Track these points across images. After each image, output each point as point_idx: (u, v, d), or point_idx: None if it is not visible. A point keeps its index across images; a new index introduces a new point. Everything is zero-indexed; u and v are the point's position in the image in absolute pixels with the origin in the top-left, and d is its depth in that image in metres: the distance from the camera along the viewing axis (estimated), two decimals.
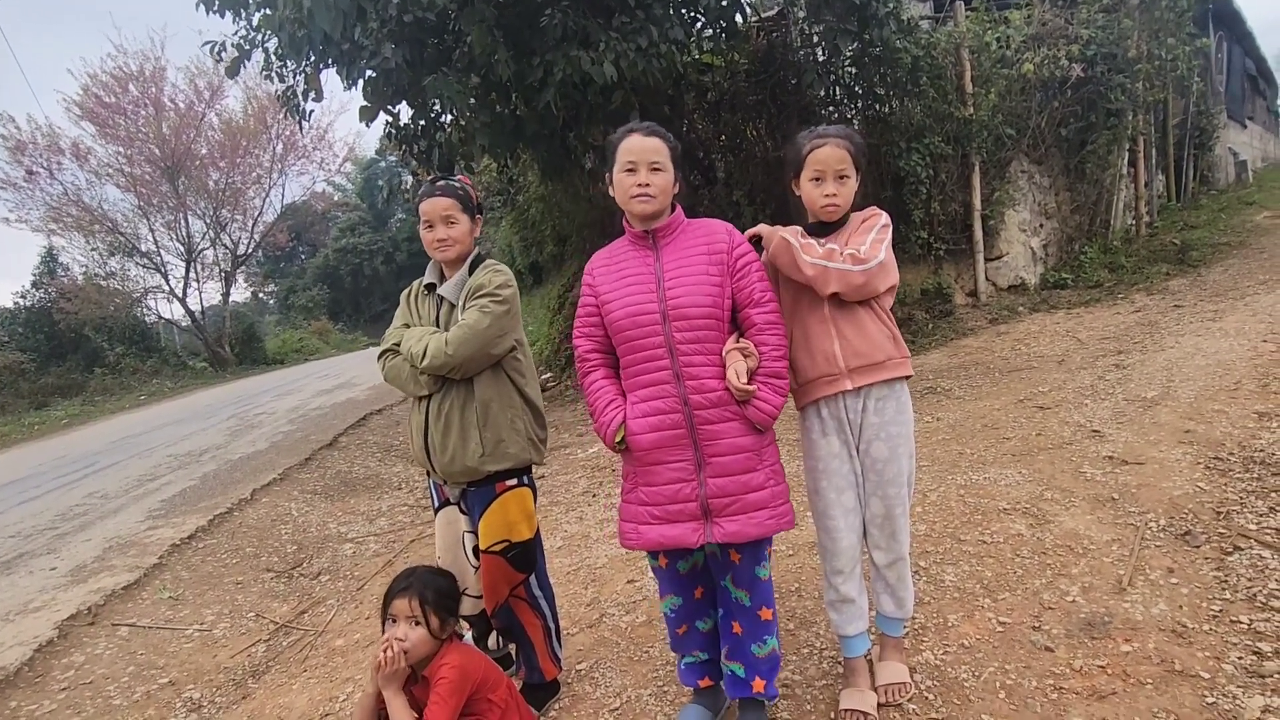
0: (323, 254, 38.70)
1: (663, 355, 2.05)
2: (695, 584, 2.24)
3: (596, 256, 2.25)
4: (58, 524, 6.09)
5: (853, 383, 2.14)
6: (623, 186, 2.10)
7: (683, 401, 2.03)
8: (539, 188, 12.71)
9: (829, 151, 2.14)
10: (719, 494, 2.02)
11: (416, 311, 2.54)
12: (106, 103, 21.96)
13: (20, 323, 22.08)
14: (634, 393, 2.11)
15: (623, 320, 2.09)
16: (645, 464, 2.08)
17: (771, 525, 2.03)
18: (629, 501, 2.15)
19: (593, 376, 2.20)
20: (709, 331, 2.05)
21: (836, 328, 2.15)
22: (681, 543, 2.04)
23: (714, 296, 2.05)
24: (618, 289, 2.13)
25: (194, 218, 24.59)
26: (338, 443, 8.32)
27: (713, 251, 2.10)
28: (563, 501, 5.00)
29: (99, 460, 9.06)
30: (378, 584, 4.14)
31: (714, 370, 2.03)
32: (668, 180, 2.09)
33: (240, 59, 6.75)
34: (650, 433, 2.05)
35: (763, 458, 2.06)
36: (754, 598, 2.10)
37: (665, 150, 2.09)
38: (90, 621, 4.06)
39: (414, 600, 2.06)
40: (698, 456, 2.04)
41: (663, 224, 2.14)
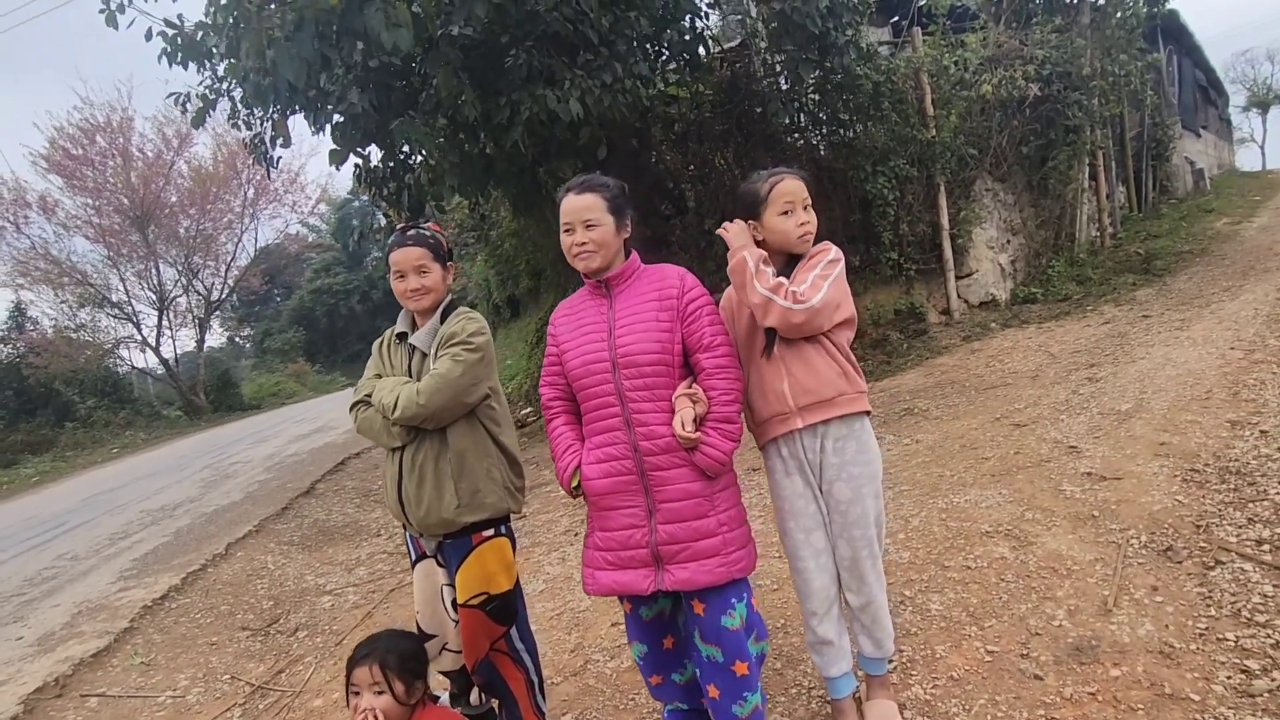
0: (298, 295, 38.44)
1: (613, 403, 2.07)
2: (663, 633, 2.22)
3: (560, 307, 2.29)
4: (25, 589, 5.90)
5: (803, 420, 2.14)
6: (564, 247, 2.15)
7: (633, 448, 2.05)
8: (511, 223, 12.74)
9: (793, 184, 2.18)
10: (669, 540, 2.02)
11: (389, 361, 2.49)
12: (74, 155, 21.86)
13: None
14: (590, 439, 2.14)
15: (577, 369, 2.14)
16: (600, 509, 2.12)
17: (723, 573, 2.00)
18: (587, 546, 2.18)
19: (555, 423, 2.24)
20: (658, 378, 2.06)
21: (786, 366, 2.15)
22: (632, 589, 2.05)
23: (663, 343, 2.06)
24: (574, 338, 2.18)
25: (165, 265, 24.44)
26: (315, 490, 8.17)
27: (663, 298, 2.11)
28: (544, 542, 4.92)
29: (69, 519, 8.83)
30: (356, 637, 4.01)
31: (663, 417, 2.04)
32: (605, 233, 2.11)
33: (205, 109, 6.73)
34: (603, 478, 2.08)
35: (715, 504, 2.05)
36: (725, 652, 2.03)
37: (600, 203, 2.11)
38: (58, 694, 3.90)
39: (375, 667, 2.00)
40: (649, 502, 2.05)
41: (614, 273, 2.16)
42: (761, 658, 2.18)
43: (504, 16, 5.84)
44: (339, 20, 5.01)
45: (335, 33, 5.20)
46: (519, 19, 5.95)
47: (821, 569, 2.20)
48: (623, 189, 2.20)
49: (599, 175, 2.19)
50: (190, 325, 26.17)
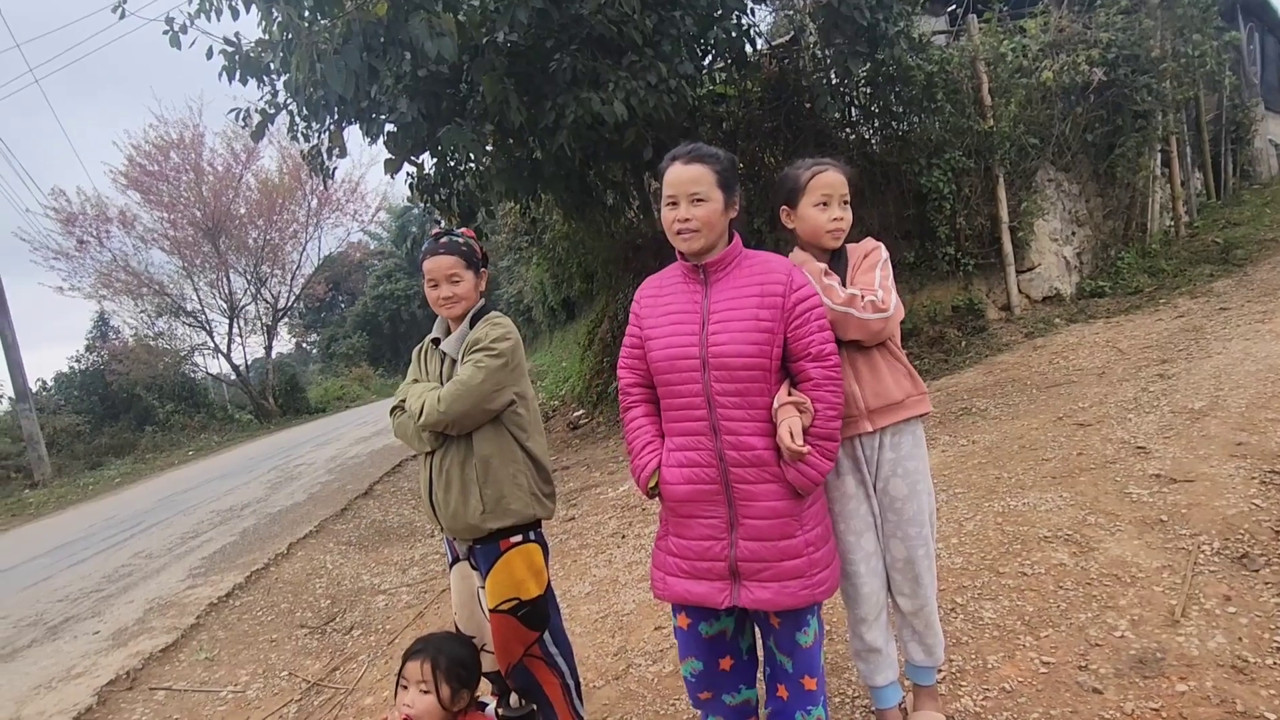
0: (361, 302, 39.55)
1: (700, 405, 1.89)
2: (722, 653, 2.03)
3: (646, 284, 2.10)
4: (103, 586, 6.20)
5: (873, 424, 2.06)
6: (665, 222, 1.95)
7: (718, 456, 1.87)
8: (563, 226, 12.84)
9: (833, 176, 2.10)
10: (750, 557, 1.86)
11: (425, 367, 2.53)
12: (150, 171, 22.93)
13: (76, 386, 22.92)
14: (671, 439, 1.96)
15: (661, 362, 1.95)
16: (678, 515, 1.95)
17: (805, 596, 1.85)
18: (659, 549, 2.02)
19: (633, 413, 2.06)
20: (752, 383, 1.86)
21: (854, 368, 2.07)
22: (707, 601, 1.90)
23: (761, 345, 1.85)
24: (661, 325, 1.98)
25: (235, 275, 25.40)
26: (373, 491, 8.38)
27: (767, 294, 1.88)
28: (592, 544, 4.93)
29: (146, 519, 9.25)
30: (408, 637, 4.10)
31: (754, 426, 1.85)
32: (712, 210, 1.89)
33: (264, 123, 6.96)
34: (683, 484, 1.91)
35: (803, 523, 1.87)
36: (796, 665, 1.94)
37: (709, 176, 1.89)
38: (129, 686, 4.08)
39: (426, 665, 2.01)
40: (731, 515, 1.88)
41: (715, 257, 1.95)
42: None
43: (547, 21, 5.89)
44: (385, 32, 5.13)
45: (382, 44, 5.32)
46: (563, 23, 5.99)
47: (873, 573, 2.11)
48: (733, 162, 1.98)
49: (707, 146, 1.96)
50: (259, 332, 27.19)
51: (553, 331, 21.12)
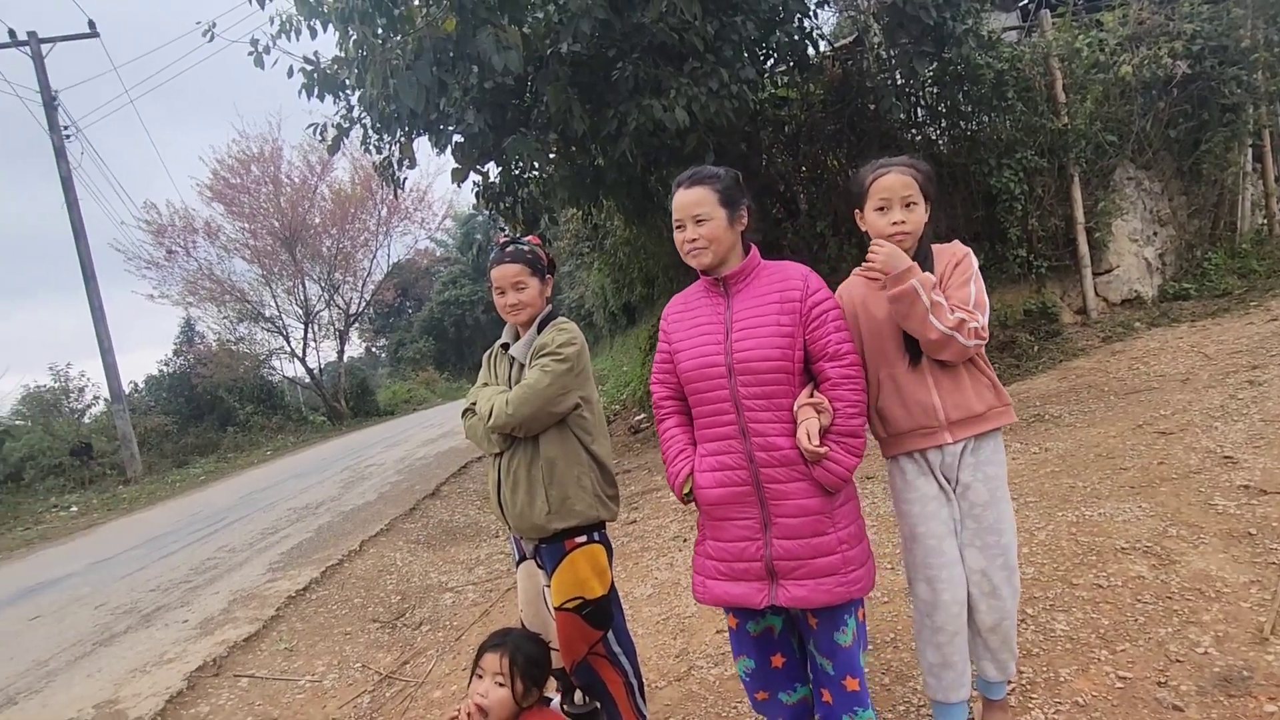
0: (427, 307, 40.56)
1: (729, 410, 1.97)
2: (771, 650, 2.10)
3: (673, 302, 2.21)
4: (191, 577, 6.55)
5: (953, 436, 2.03)
6: (677, 244, 2.09)
7: (748, 459, 1.95)
8: (624, 232, 12.94)
9: (894, 178, 2.05)
10: (785, 556, 1.92)
11: (494, 371, 2.62)
12: (232, 184, 24.04)
13: (164, 388, 24.18)
14: (703, 445, 2.05)
15: (690, 372, 2.04)
16: (713, 519, 2.03)
17: (840, 593, 1.90)
18: (699, 554, 2.10)
19: (666, 424, 2.17)
20: (777, 386, 1.94)
21: (934, 378, 2.04)
22: (746, 602, 1.97)
23: (783, 349, 1.94)
24: (688, 338, 2.08)
25: (310, 282, 26.37)
26: (440, 492, 8.62)
27: (785, 300, 1.98)
28: (654, 547, 4.97)
29: (229, 515, 9.71)
30: (474, 634, 4.22)
31: (782, 427, 1.93)
32: (716, 227, 2.01)
33: (340, 137, 7.26)
34: (716, 488, 1.99)
35: (834, 520, 1.93)
36: (836, 666, 1.96)
37: (710, 197, 2.01)
38: (215, 673, 4.31)
39: (504, 659, 2.08)
40: (764, 516, 1.95)
41: (733, 270, 2.05)
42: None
43: (610, 31, 5.98)
44: (454, 46, 5.29)
45: (451, 58, 5.49)
46: (625, 32, 6.07)
47: (954, 581, 2.04)
48: (736, 179, 2.08)
49: (709, 167, 2.09)
50: (332, 337, 28.17)
51: (613, 336, 21.26)
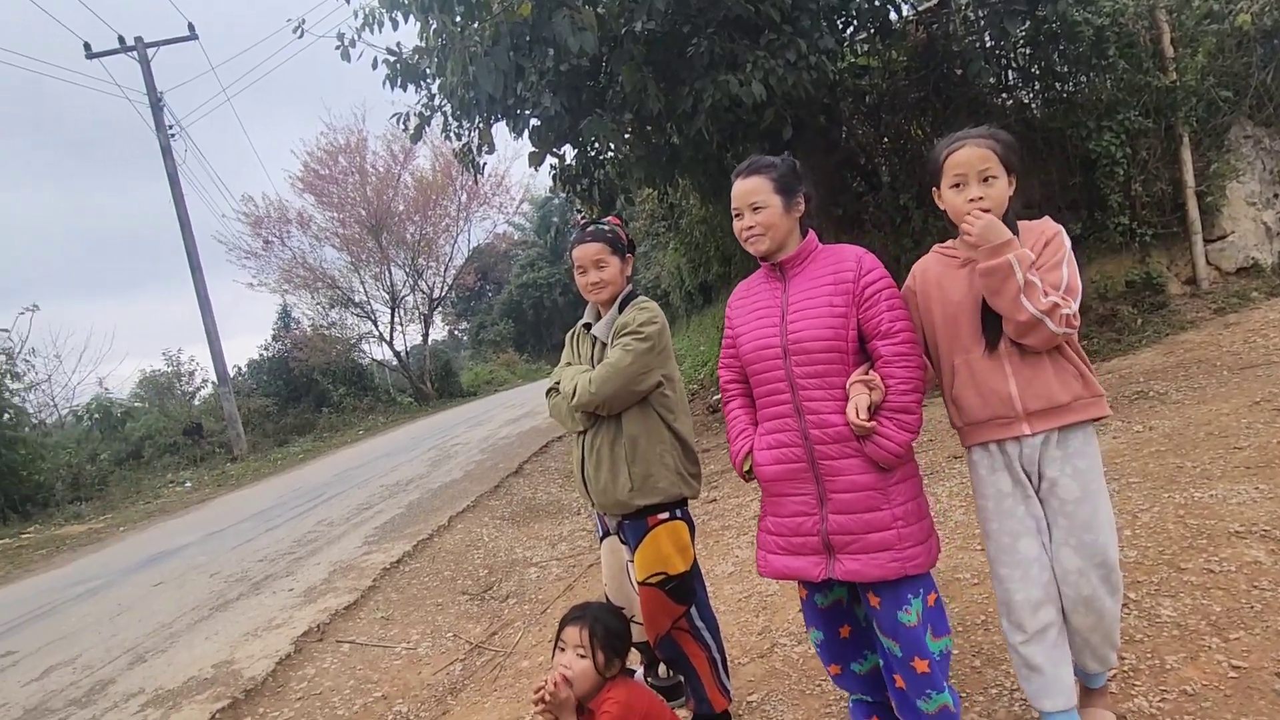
0: (506, 290, 41.41)
1: (784, 389, 2.05)
2: (839, 621, 2.17)
3: (737, 289, 2.28)
4: (295, 549, 6.94)
5: (1031, 427, 1.91)
6: (736, 231, 2.14)
7: (803, 436, 2.01)
8: (700, 210, 12.86)
9: (969, 152, 1.93)
10: (839, 531, 1.98)
11: (577, 351, 2.67)
12: (321, 175, 25.07)
13: (264, 371, 25.55)
14: (762, 424, 2.14)
15: (749, 354, 2.13)
16: (771, 495, 2.11)
17: (895, 568, 1.91)
18: (760, 529, 2.18)
19: (730, 406, 2.26)
20: (830, 365, 1.99)
21: (1012, 365, 1.92)
22: (804, 575, 2.04)
23: (836, 329, 1.99)
24: (747, 323, 2.17)
25: (396, 268, 27.31)
26: (523, 470, 8.84)
27: (839, 281, 2.02)
28: (734, 525, 4.98)
29: (326, 491, 10.23)
30: (559, 607, 4.33)
31: (835, 405, 1.98)
32: (772, 215, 2.06)
33: (422, 125, 7.45)
34: (773, 464, 2.07)
35: (889, 497, 1.95)
36: (903, 648, 1.95)
37: (765, 185, 2.07)
38: (319, 638, 4.58)
39: (584, 631, 2.14)
40: (819, 491, 2.01)
41: (789, 255, 2.12)
42: (946, 655, 2.02)
43: (684, 6, 5.92)
44: (530, 30, 5.35)
45: (528, 42, 5.55)
46: (699, 7, 5.99)
47: (1030, 582, 1.92)
48: (792, 167, 2.13)
49: (765, 156, 2.15)
50: (417, 321, 29.14)
51: (690, 315, 21.22)
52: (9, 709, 4.29)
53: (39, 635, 5.73)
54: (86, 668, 4.73)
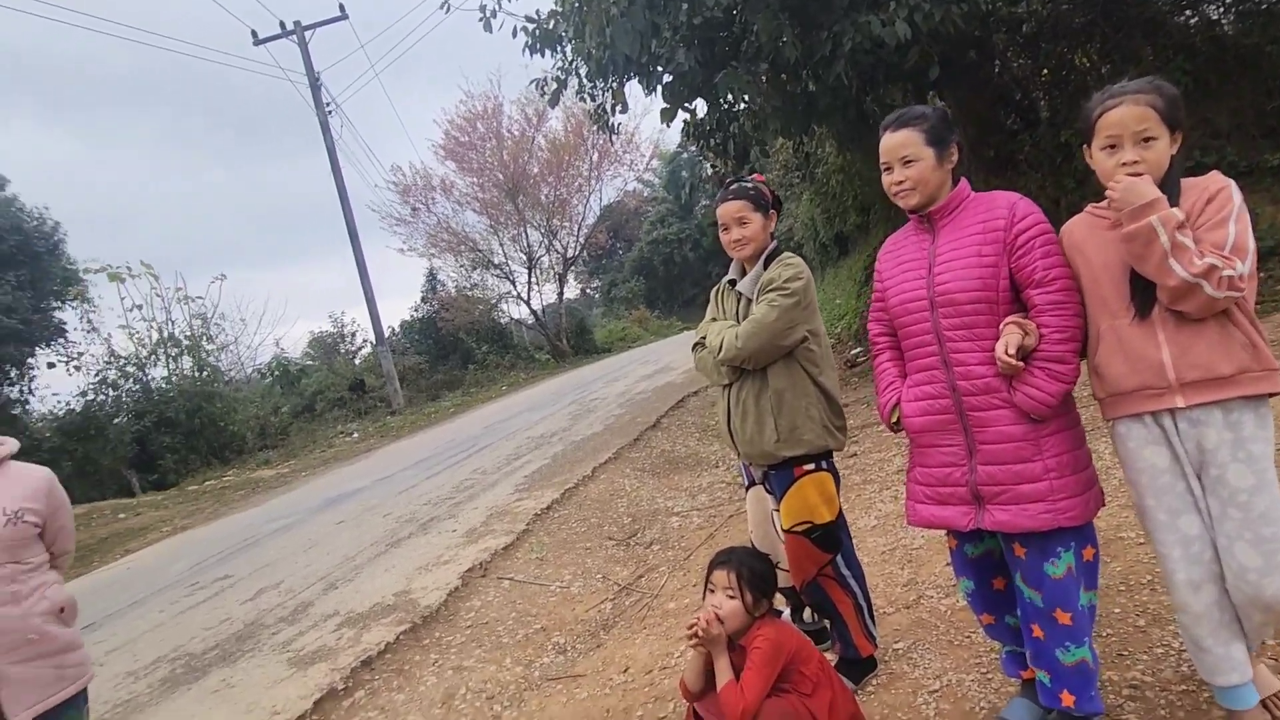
0: (637, 247, 41.85)
1: (931, 342, 2.04)
2: (991, 572, 2.16)
3: (886, 242, 2.27)
4: (454, 494, 7.53)
5: (1185, 399, 1.74)
6: (885, 185, 2.10)
7: (951, 388, 2.00)
8: (837, 159, 12.44)
9: (1126, 112, 1.74)
10: (989, 481, 1.96)
11: (721, 307, 2.75)
12: (461, 141, 26.20)
13: (416, 331, 27.40)
14: (910, 376, 2.15)
15: (896, 308, 2.14)
16: (919, 446, 2.13)
17: (1047, 519, 1.87)
18: (909, 480, 2.20)
19: (879, 359, 2.28)
20: (978, 317, 1.95)
21: (1165, 332, 1.75)
22: (952, 524, 2.05)
23: (984, 280, 1.94)
24: (895, 275, 2.16)
25: (531, 229, 28.25)
26: (660, 424, 9.07)
27: (989, 230, 1.97)
28: (876, 479, 4.94)
29: (478, 442, 10.94)
30: (701, 555, 4.50)
31: (983, 357, 1.94)
32: (924, 168, 2.01)
33: (559, 90, 7.64)
34: (921, 416, 2.08)
35: (1041, 448, 1.91)
36: (1045, 599, 1.93)
37: (917, 138, 2.01)
38: (482, 574, 4.99)
39: (732, 574, 2.25)
40: (968, 442, 2.00)
41: (939, 205, 2.06)
42: (1091, 610, 1.98)
43: None
44: None
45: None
46: None
47: (1192, 561, 1.78)
48: (944, 116, 2.08)
49: (916, 107, 2.10)
50: (552, 280, 30.15)
51: (824, 268, 20.67)
52: (233, 623, 5.01)
53: (248, 563, 6.59)
54: (289, 591, 5.41)
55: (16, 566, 2.18)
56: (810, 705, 2.07)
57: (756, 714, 2.01)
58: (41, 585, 2.24)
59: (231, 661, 4.35)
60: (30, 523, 2.23)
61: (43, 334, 16.02)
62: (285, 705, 3.64)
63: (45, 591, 2.24)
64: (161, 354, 18.73)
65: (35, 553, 2.27)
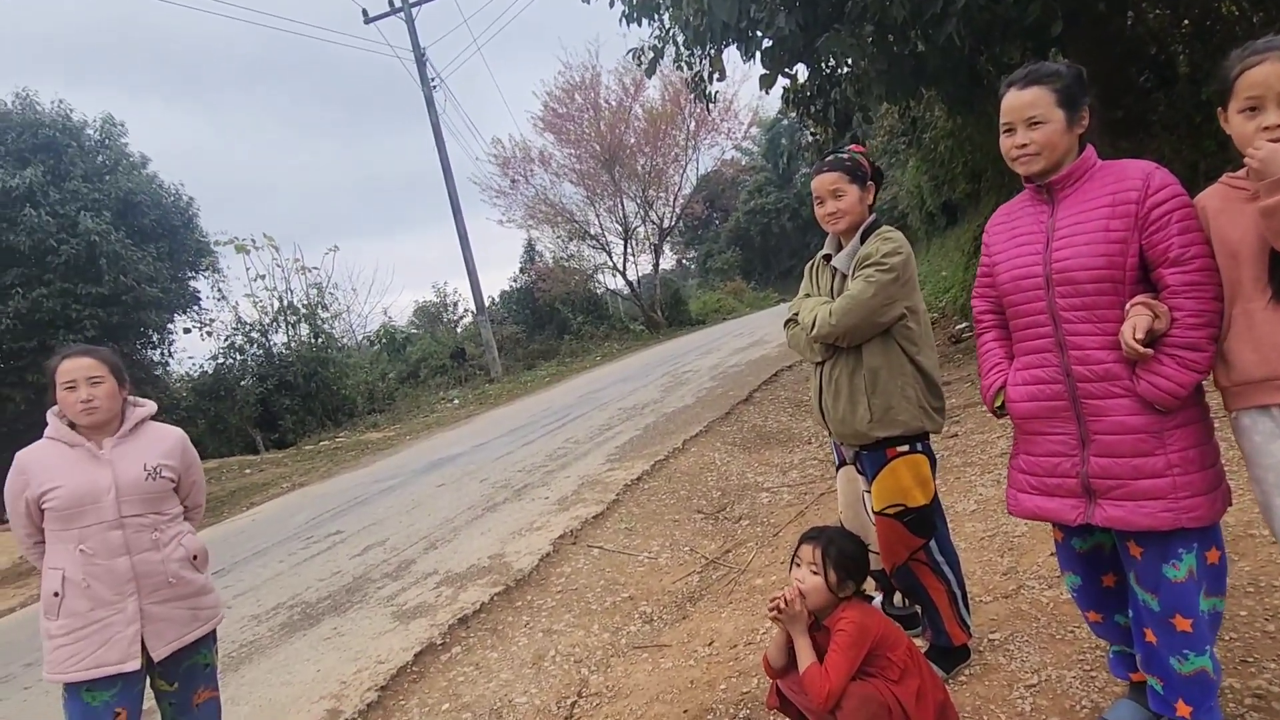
0: (734, 217, 41.30)
1: (1045, 322, 1.88)
2: (1100, 568, 2.01)
3: (998, 212, 2.11)
4: (547, 463, 7.72)
5: None
6: (1004, 149, 1.92)
7: (1065, 372, 1.85)
8: (946, 123, 11.81)
9: (1269, 69, 1.55)
10: (1102, 475, 1.81)
11: (815, 282, 2.67)
12: (559, 113, 26.39)
13: (514, 301, 28.12)
14: (1018, 358, 2.00)
15: (1006, 284, 1.98)
16: (1025, 432, 1.99)
17: (1167, 519, 1.72)
18: (1012, 467, 2.07)
19: (984, 338, 2.13)
20: (1100, 297, 1.79)
21: None
22: (1058, 517, 1.91)
23: (1110, 257, 1.77)
24: (1007, 250, 2.00)
25: (627, 200, 28.28)
26: (753, 398, 8.99)
27: (1119, 203, 1.78)
28: (978, 462, 4.73)
29: (571, 411, 11.16)
30: (790, 532, 4.45)
31: (1103, 340, 1.78)
32: (1052, 131, 1.83)
33: (656, 59, 7.57)
34: (1028, 401, 1.94)
35: (1164, 442, 1.75)
36: (1163, 603, 1.78)
37: (1047, 98, 1.82)
38: (573, 542, 5.11)
39: (817, 550, 2.21)
40: (1081, 432, 1.85)
41: (1061, 174, 1.88)
42: (1216, 616, 1.82)
43: None
44: None
45: None
46: None
47: None
48: (1078, 75, 1.86)
49: (1046, 64, 1.89)
50: (647, 251, 30.16)
51: (930, 238, 19.82)
52: (343, 575, 5.34)
53: (357, 520, 7.00)
54: (394, 549, 5.72)
55: (157, 517, 2.41)
56: (897, 691, 2.02)
57: (841, 697, 1.98)
58: (178, 534, 2.47)
59: (341, 612, 4.65)
60: (167, 478, 2.45)
61: (180, 301, 17.35)
62: (389, 655, 3.86)
63: (181, 540, 2.47)
64: (282, 321, 20.01)
65: (172, 505, 2.50)
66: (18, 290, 13.76)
